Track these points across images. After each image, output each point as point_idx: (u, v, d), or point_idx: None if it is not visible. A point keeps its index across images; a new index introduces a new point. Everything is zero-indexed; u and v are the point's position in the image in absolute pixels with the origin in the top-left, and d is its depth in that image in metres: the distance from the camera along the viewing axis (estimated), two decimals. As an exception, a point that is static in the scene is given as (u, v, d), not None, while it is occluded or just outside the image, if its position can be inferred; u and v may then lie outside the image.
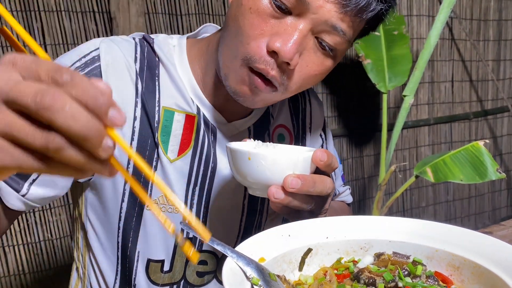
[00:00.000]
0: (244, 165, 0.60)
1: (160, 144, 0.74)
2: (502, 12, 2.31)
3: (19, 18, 1.38)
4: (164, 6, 1.57)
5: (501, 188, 2.54)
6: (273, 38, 0.63)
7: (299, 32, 0.62)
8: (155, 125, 0.73)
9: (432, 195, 2.33)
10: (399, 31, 1.74)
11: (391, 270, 0.54)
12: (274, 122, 0.87)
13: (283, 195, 0.59)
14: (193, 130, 0.76)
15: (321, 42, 0.65)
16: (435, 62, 2.18)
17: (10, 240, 1.49)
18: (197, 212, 0.78)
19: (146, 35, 0.78)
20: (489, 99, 2.38)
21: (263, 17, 0.63)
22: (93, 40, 0.74)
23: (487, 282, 0.51)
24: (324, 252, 0.60)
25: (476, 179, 1.43)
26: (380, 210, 1.71)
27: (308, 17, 0.62)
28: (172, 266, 0.79)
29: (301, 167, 0.60)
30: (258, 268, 0.50)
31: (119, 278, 0.80)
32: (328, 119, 1.99)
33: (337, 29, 0.64)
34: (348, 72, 1.96)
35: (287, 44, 0.62)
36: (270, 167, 0.59)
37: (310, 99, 0.94)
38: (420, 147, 2.25)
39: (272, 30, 0.63)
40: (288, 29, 0.63)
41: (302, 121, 0.91)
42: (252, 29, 0.63)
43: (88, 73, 0.69)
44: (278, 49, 0.62)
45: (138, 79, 0.73)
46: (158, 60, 0.76)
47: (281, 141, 0.87)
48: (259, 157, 0.59)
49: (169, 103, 0.75)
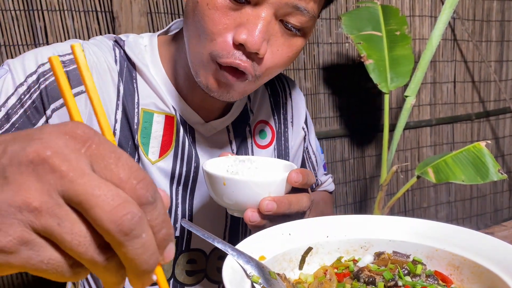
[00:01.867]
0: (219, 189, 0.61)
1: (140, 146, 0.73)
2: (505, 13, 2.31)
3: (22, 17, 1.39)
4: (167, 6, 1.57)
5: (503, 189, 2.54)
6: (238, 30, 0.62)
7: (262, 20, 0.61)
8: (135, 127, 0.72)
9: (433, 196, 2.33)
10: (401, 31, 1.74)
11: (391, 269, 0.55)
12: (254, 118, 0.86)
13: (259, 219, 0.60)
14: (173, 130, 0.75)
15: (287, 24, 0.64)
16: (437, 62, 2.18)
17: (12, 239, 1.50)
18: (183, 211, 0.78)
19: (117, 37, 0.76)
20: (491, 100, 2.38)
21: (223, 11, 0.62)
22: (71, 40, 0.73)
23: (486, 282, 0.51)
24: (324, 251, 0.60)
25: (477, 180, 1.42)
26: (381, 211, 1.71)
27: (267, 3, 0.61)
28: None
29: (276, 189, 0.61)
30: (258, 266, 0.50)
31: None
32: (330, 119, 1.99)
33: (300, 9, 0.63)
34: (349, 73, 1.96)
35: (253, 35, 0.61)
36: (245, 192, 0.60)
37: (291, 92, 0.93)
38: (422, 148, 2.24)
39: (235, 22, 0.62)
40: (250, 18, 0.62)
41: (284, 115, 0.91)
42: (214, 25, 0.62)
43: (74, 70, 0.68)
44: (245, 41, 0.61)
45: (120, 81, 0.72)
46: (131, 63, 0.74)
47: (262, 137, 0.86)
48: (233, 182, 0.60)
49: (147, 103, 0.74)
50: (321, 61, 1.90)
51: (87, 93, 0.30)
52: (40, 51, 0.70)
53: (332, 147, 2.01)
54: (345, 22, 1.68)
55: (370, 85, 1.77)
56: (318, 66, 1.90)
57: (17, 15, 1.38)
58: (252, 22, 0.61)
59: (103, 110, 0.30)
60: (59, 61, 0.30)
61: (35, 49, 0.71)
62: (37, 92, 0.66)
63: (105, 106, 0.71)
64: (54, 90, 0.67)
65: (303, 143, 0.96)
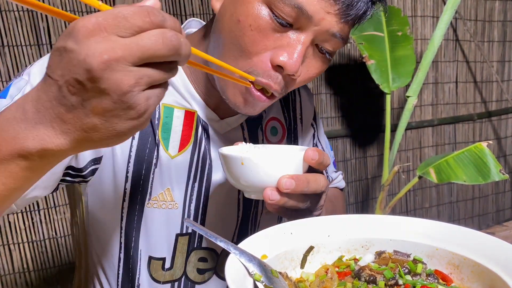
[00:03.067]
0: (237, 170, 0.61)
1: (161, 141, 0.74)
2: (507, 13, 2.31)
3: (25, 18, 1.40)
4: (169, 7, 1.58)
5: (505, 189, 2.54)
6: (277, 52, 0.63)
7: (302, 44, 0.63)
8: (156, 122, 0.74)
9: (435, 196, 2.33)
10: (403, 32, 1.74)
11: (392, 268, 0.55)
12: (266, 116, 0.87)
13: (278, 196, 0.60)
14: (192, 125, 0.77)
15: (321, 48, 0.67)
16: (439, 63, 2.18)
17: (15, 238, 1.50)
18: (196, 207, 0.79)
19: None
20: (493, 100, 2.38)
21: (265, 33, 0.63)
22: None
23: (486, 281, 0.52)
24: (325, 250, 0.61)
25: (479, 180, 1.43)
26: (383, 211, 1.71)
27: (310, 29, 0.63)
28: (173, 263, 0.80)
29: (294, 168, 0.61)
30: (260, 265, 0.51)
31: (121, 280, 0.80)
32: (332, 119, 2.00)
33: (336, 36, 0.65)
34: (352, 73, 1.97)
35: (292, 58, 0.62)
36: (263, 170, 0.60)
37: (300, 90, 0.94)
38: (423, 148, 2.25)
39: (275, 44, 0.63)
40: (291, 42, 0.63)
41: (293, 112, 0.92)
42: (254, 46, 0.63)
43: None
44: (284, 64, 0.62)
45: None
46: None
47: (274, 134, 0.88)
48: (252, 161, 0.60)
49: (168, 100, 0.76)
50: (323, 61, 1.91)
51: None
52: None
53: (334, 147, 2.01)
54: (347, 22, 1.68)
55: (372, 85, 1.77)
56: (320, 67, 1.90)
57: (20, 15, 1.39)
58: (292, 45, 0.63)
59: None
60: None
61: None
62: None
63: None
64: None
65: (312, 140, 0.97)
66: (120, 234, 0.77)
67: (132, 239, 0.77)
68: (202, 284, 0.83)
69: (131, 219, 0.76)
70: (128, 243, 0.77)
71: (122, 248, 0.78)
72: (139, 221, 0.76)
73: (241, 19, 0.63)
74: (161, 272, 0.80)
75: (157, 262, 0.79)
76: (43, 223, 1.54)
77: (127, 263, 0.79)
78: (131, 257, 0.78)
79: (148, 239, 0.77)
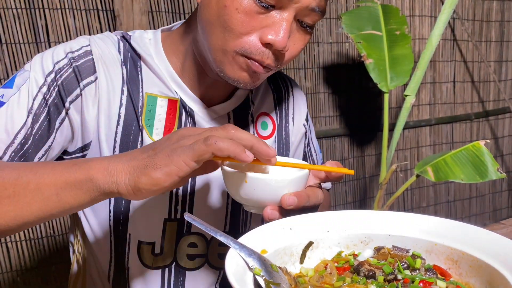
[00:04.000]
0: (240, 186, 0.62)
1: (144, 128, 0.78)
2: (505, 13, 2.32)
3: (23, 16, 1.40)
4: (168, 5, 1.58)
5: (502, 189, 2.55)
6: (264, 31, 0.69)
7: (286, 21, 0.69)
8: (139, 110, 0.78)
9: (433, 195, 2.34)
10: (401, 31, 1.74)
11: (391, 263, 0.55)
12: (257, 110, 0.90)
13: (278, 216, 0.62)
14: (176, 113, 0.80)
15: (302, 23, 0.73)
16: (437, 62, 2.19)
17: (12, 236, 1.50)
18: (183, 195, 0.80)
19: (124, 33, 0.83)
20: (490, 100, 2.39)
21: (251, 14, 0.68)
22: (79, 37, 0.80)
23: (484, 275, 0.52)
24: (325, 246, 0.61)
25: (476, 178, 1.43)
26: (380, 210, 1.71)
27: (291, 7, 0.69)
28: (162, 249, 0.81)
29: (296, 186, 0.63)
30: (260, 259, 0.51)
31: (113, 263, 0.81)
32: (330, 118, 2.00)
33: (315, 10, 0.71)
34: (350, 73, 1.97)
35: (279, 35, 0.69)
36: (266, 189, 0.62)
37: (293, 90, 0.98)
38: (421, 147, 2.25)
39: (261, 24, 0.69)
40: (276, 21, 0.69)
41: (286, 111, 0.95)
42: (243, 27, 0.69)
43: (83, 63, 0.76)
44: (273, 41, 0.69)
45: (123, 68, 0.79)
46: (137, 54, 0.81)
47: (264, 128, 0.91)
48: (256, 181, 0.61)
49: (151, 90, 0.80)
50: (321, 60, 1.91)
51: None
52: (55, 50, 0.76)
53: (332, 146, 2.02)
54: (345, 21, 1.68)
55: (370, 84, 1.78)
56: (318, 66, 1.91)
57: (19, 13, 1.39)
58: (277, 23, 0.69)
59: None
60: None
61: (50, 49, 0.77)
62: (56, 89, 0.74)
63: (111, 92, 0.77)
64: (69, 84, 0.75)
65: (304, 139, 0.98)
66: (108, 218, 0.79)
67: (120, 222, 0.79)
68: (193, 271, 0.83)
69: (119, 201, 0.78)
70: (117, 226, 0.79)
71: (112, 231, 0.80)
72: (127, 204, 0.78)
73: (227, 4, 0.69)
74: (151, 257, 0.81)
75: (147, 247, 0.80)
76: (41, 221, 1.54)
77: (117, 247, 0.80)
78: (120, 241, 0.80)
79: (135, 224, 0.79)
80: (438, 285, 0.51)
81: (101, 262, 0.82)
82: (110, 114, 0.77)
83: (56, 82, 0.74)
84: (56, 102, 0.74)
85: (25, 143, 0.72)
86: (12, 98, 0.72)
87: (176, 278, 0.82)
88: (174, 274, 0.82)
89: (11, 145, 0.71)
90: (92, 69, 0.76)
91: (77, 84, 0.75)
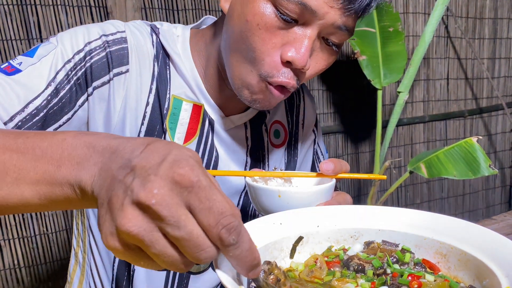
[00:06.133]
0: (273, 202, 0.65)
1: (167, 131, 0.76)
2: (498, 10, 2.33)
3: (15, 12, 1.39)
4: (161, 1, 1.58)
5: (495, 185, 2.56)
6: (285, 48, 0.65)
7: (308, 38, 0.65)
8: (164, 112, 0.75)
9: (426, 192, 2.35)
10: (395, 28, 1.75)
11: (380, 257, 0.55)
12: (270, 118, 0.89)
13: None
14: (199, 119, 0.78)
15: (327, 41, 0.68)
16: (430, 59, 2.19)
17: (5, 234, 1.49)
18: None
19: (152, 24, 0.79)
20: (484, 97, 2.40)
21: (272, 30, 0.65)
22: (114, 21, 0.75)
23: (472, 269, 0.52)
24: (315, 241, 0.61)
25: (469, 175, 1.44)
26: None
27: (315, 24, 0.65)
28: None
29: (326, 195, 0.66)
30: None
31: (117, 264, 0.81)
32: (324, 115, 2.00)
33: (341, 29, 0.66)
34: (344, 69, 1.97)
35: (300, 52, 0.64)
36: (299, 202, 0.64)
37: (304, 96, 0.96)
38: (415, 144, 2.26)
39: (283, 40, 0.65)
40: (297, 37, 0.65)
41: (296, 117, 0.94)
42: (264, 44, 0.65)
43: (117, 50, 0.71)
44: (293, 59, 0.65)
45: (155, 65, 0.75)
46: (165, 50, 0.77)
47: (276, 137, 0.89)
48: (290, 194, 0.64)
49: (178, 92, 0.77)
50: (315, 57, 1.91)
51: None
52: (88, 29, 0.72)
53: (326, 143, 2.02)
54: (339, 18, 1.68)
55: (364, 82, 1.78)
56: (312, 63, 1.91)
57: (10, 9, 1.38)
58: (299, 40, 0.65)
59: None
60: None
61: (83, 26, 0.73)
62: (82, 69, 0.70)
63: (139, 89, 0.74)
64: (98, 69, 0.71)
65: (313, 145, 0.98)
66: None
67: None
68: (197, 275, 0.83)
69: None
70: None
71: None
72: None
73: (249, 18, 0.65)
74: None
75: None
76: (34, 219, 1.53)
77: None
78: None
79: None
80: (427, 278, 0.51)
81: (104, 259, 0.81)
82: (136, 112, 0.73)
83: (85, 62, 0.70)
84: (80, 83, 0.70)
85: (36, 115, 0.67)
86: (30, 68, 0.68)
87: (180, 281, 0.82)
88: (178, 276, 0.82)
89: (21, 113, 0.66)
90: (125, 59, 0.72)
91: (107, 71, 0.71)
